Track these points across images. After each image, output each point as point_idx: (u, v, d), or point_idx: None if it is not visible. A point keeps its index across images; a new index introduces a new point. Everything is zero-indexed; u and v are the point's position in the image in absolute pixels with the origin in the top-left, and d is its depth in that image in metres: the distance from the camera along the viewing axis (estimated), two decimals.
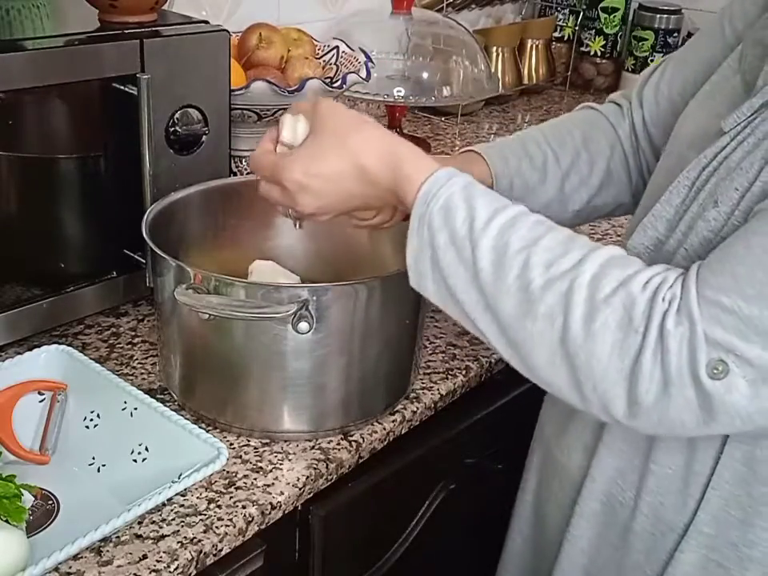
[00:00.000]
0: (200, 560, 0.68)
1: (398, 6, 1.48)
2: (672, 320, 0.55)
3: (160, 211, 0.83)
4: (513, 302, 0.60)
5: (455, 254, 0.62)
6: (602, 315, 0.57)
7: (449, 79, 1.51)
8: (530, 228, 0.62)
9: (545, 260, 0.59)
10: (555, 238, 0.61)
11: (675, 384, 0.55)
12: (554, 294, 0.58)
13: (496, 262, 0.60)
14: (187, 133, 0.91)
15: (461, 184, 0.64)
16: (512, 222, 0.62)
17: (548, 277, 0.59)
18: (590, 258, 0.59)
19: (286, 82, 1.11)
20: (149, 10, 0.90)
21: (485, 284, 0.61)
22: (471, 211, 0.62)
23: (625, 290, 0.57)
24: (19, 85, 0.78)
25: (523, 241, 0.60)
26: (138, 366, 0.88)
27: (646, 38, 1.92)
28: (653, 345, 0.56)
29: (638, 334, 0.56)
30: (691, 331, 0.55)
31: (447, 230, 0.62)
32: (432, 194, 0.63)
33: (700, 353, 0.55)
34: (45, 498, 0.72)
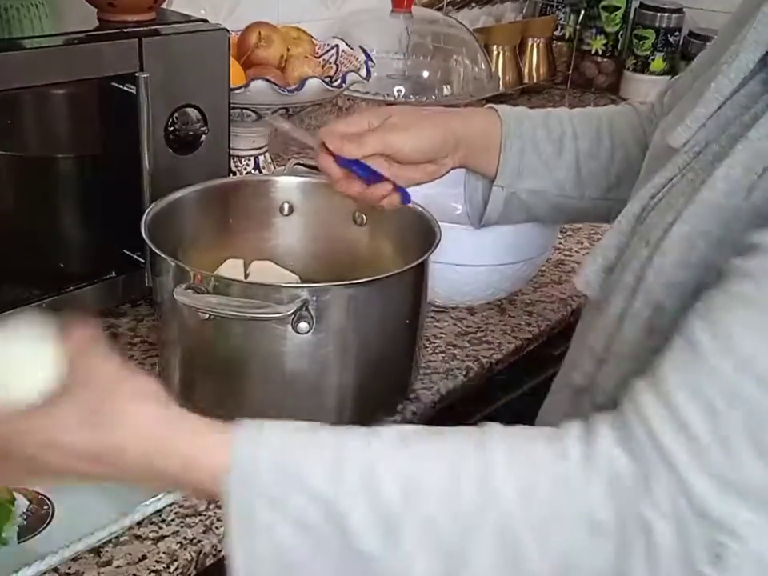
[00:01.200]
0: (200, 560, 0.67)
1: (398, 5, 1.48)
2: (650, 505, 0.45)
3: (159, 211, 0.82)
4: (431, 564, 0.46)
5: (315, 545, 0.47)
6: (559, 536, 0.45)
7: (449, 78, 1.50)
8: (387, 467, 0.47)
9: (444, 502, 0.46)
10: (426, 461, 0.48)
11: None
12: (485, 539, 0.46)
13: (383, 536, 0.46)
14: (186, 132, 0.91)
15: (274, 460, 0.48)
16: (364, 474, 0.47)
17: (463, 522, 0.46)
18: (489, 468, 0.47)
19: (285, 81, 1.11)
20: (147, 9, 0.90)
21: (380, 559, 0.46)
22: (312, 494, 0.47)
23: (572, 492, 0.46)
24: (18, 84, 0.78)
25: (398, 491, 0.46)
26: (138, 367, 0.88)
27: (647, 37, 1.92)
28: (637, 545, 0.45)
29: (614, 536, 0.45)
30: (675, 512, 0.44)
31: (290, 524, 0.47)
32: (246, 490, 0.47)
33: (693, 539, 0.44)
34: (40, 502, 0.72)
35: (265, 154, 1.20)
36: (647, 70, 1.94)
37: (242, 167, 1.17)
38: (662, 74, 1.94)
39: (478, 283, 1.00)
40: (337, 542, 0.46)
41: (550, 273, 1.15)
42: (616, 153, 0.85)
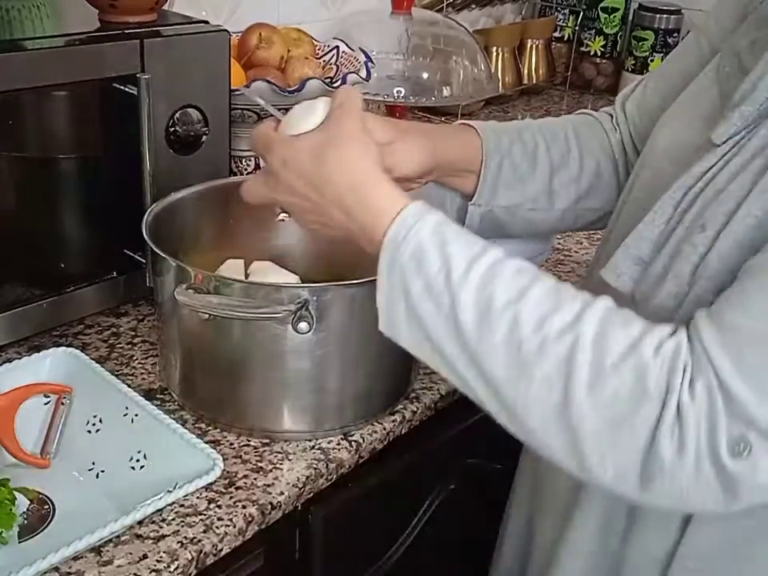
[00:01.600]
0: (200, 560, 0.68)
1: (398, 6, 1.49)
2: (688, 393, 0.52)
3: (160, 211, 0.83)
4: (503, 362, 0.56)
5: (433, 305, 0.58)
6: (610, 383, 0.53)
7: (449, 79, 1.51)
8: (513, 278, 0.57)
9: (536, 316, 0.55)
10: (543, 288, 0.57)
11: (695, 462, 0.51)
12: (552, 357, 0.54)
13: (480, 318, 0.56)
14: (187, 133, 0.92)
15: (430, 226, 0.59)
16: (492, 272, 0.57)
17: (542, 337, 0.54)
18: (586, 314, 0.55)
19: (285, 82, 1.11)
20: (149, 10, 0.90)
21: (469, 340, 0.57)
22: (446, 260, 0.58)
23: (635, 355, 0.53)
24: (19, 85, 0.78)
25: (508, 294, 0.56)
26: (138, 366, 0.88)
27: (646, 38, 1.92)
28: (670, 420, 0.51)
29: (653, 406, 0.52)
30: (710, 405, 0.51)
31: (422, 280, 0.58)
32: (401, 237, 0.59)
33: (720, 429, 0.51)
34: (41, 502, 0.72)
35: None
36: (646, 71, 1.94)
37: (243, 168, 1.17)
38: None
39: None
40: (447, 308, 0.57)
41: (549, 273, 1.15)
42: (585, 163, 0.85)
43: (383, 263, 0.60)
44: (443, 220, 0.60)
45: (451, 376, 0.60)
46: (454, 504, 0.99)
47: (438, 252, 0.58)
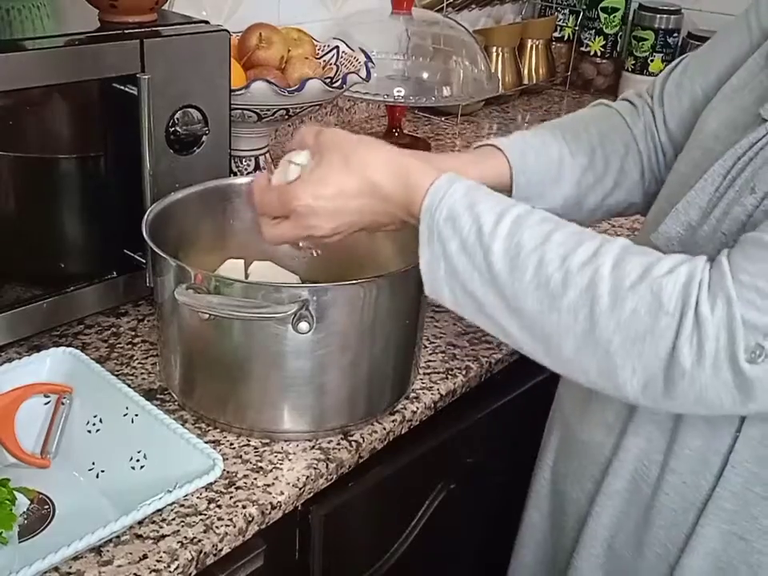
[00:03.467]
0: (200, 560, 0.68)
1: (398, 6, 1.48)
2: (707, 304, 0.56)
3: (160, 211, 0.83)
4: (534, 299, 0.61)
5: (468, 260, 0.63)
6: (629, 302, 0.58)
7: (449, 79, 1.51)
8: (538, 225, 0.63)
9: (560, 254, 0.61)
10: (565, 232, 0.62)
11: (713, 367, 0.56)
12: (576, 286, 0.60)
13: (511, 263, 0.62)
14: (187, 133, 0.91)
15: (461, 191, 0.65)
16: (519, 222, 0.63)
17: (566, 270, 0.60)
18: (605, 247, 0.61)
19: (286, 82, 1.11)
20: (149, 10, 0.90)
21: (503, 286, 0.62)
22: (476, 218, 0.63)
23: (650, 275, 0.58)
24: (19, 85, 0.78)
25: (534, 239, 0.62)
26: (138, 366, 0.88)
27: (645, 38, 1.92)
28: (689, 329, 0.56)
29: (672, 318, 0.57)
30: (729, 315, 0.56)
31: (457, 239, 0.64)
32: (435, 204, 0.65)
33: (738, 337, 0.56)
34: (41, 502, 0.72)
35: (265, 155, 1.20)
36: (646, 71, 1.94)
37: (243, 168, 1.17)
38: None
39: None
40: (481, 259, 0.63)
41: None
42: (610, 162, 0.86)
43: (422, 231, 0.65)
44: (473, 185, 0.66)
45: (493, 327, 0.66)
46: (454, 504, 0.99)
47: (469, 212, 0.64)
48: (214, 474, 0.69)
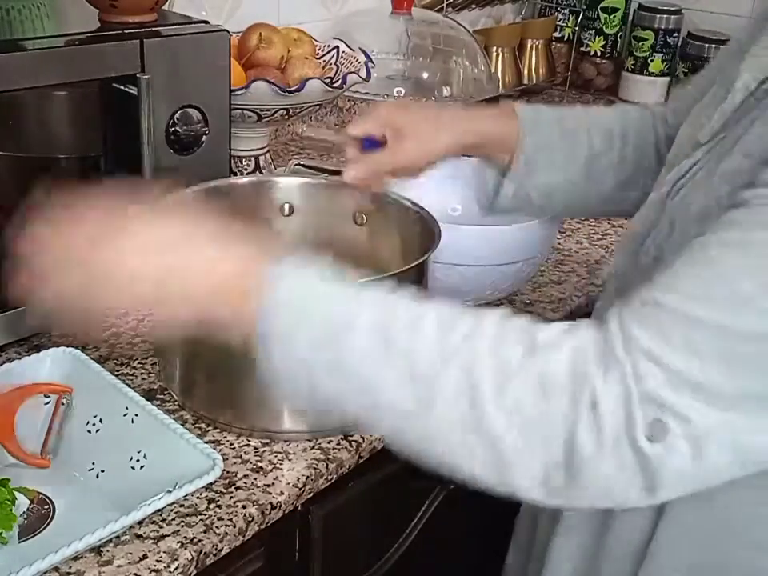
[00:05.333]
0: (200, 560, 0.68)
1: (398, 6, 1.49)
2: (600, 380, 0.49)
3: None
4: (405, 389, 0.52)
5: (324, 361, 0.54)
6: (515, 388, 0.50)
7: (449, 79, 1.51)
8: (403, 307, 0.55)
9: (434, 336, 0.52)
10: (435, 311, 0.54)
11: (615, 450, 0.49)
12: (453, 375, 0.51)
13: (379, 340, 0.53)
14: (187, 133, 0.91)
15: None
16: (387, 303, 0.55)
17: (442, 353, 0.52)
18: (481, 324, 0.53)
19: (286, 82, 1.11)
20: (149, 10, 0.90)
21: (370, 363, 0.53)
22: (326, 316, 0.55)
23: (533, 356, 0.51)
24: (19, 85, 0.78)
25: (402, 322, 0.53)
26: (138, 366, 0.88)
27: (645, 38, 1.92)
28: (585, 411, 0.49)
29: (566, 399, 0.49)
30: (624, 390, 0.49)
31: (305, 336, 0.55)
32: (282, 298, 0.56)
33: (635, 413, 0.48)
34: (41, 502, 0.72)
35: (265, 155, 1.20)
36: (646, 71, 1.94)
37: (243, 168, 1.17)
38: (661, 75, 1.94)
39: (478, 283, 1.00)
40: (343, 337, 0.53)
41: (549, 273, 1.15)
42: (627, 152, 0.85)
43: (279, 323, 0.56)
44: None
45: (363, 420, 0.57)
46: (454, 504, 0.99)
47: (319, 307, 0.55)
48: (214, 474, 0.69)
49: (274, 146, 1.43)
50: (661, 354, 0.49)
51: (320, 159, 1.43)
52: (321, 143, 0.91)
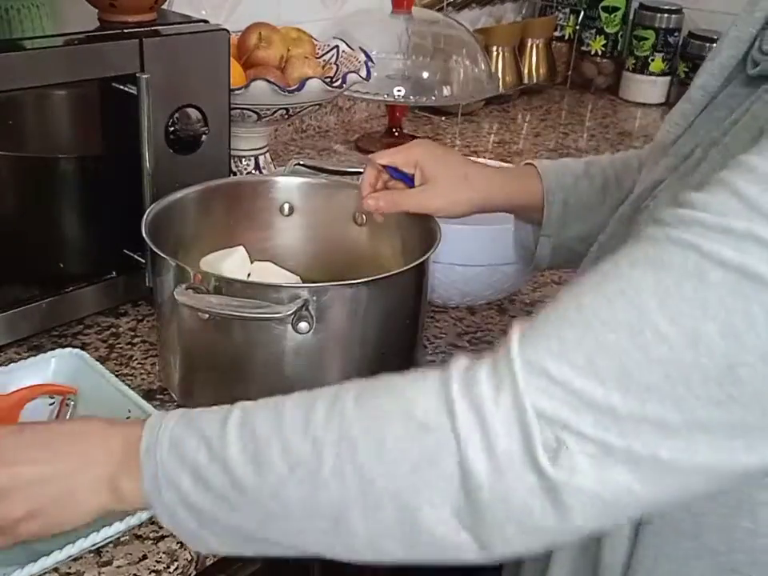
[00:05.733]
0: (200, 560, 0.68)
1: (398, 6, 1.48)
2: (491, 397, 0.46)
3: (160, 211, 0.82)
4: (295, 487, 0.50)
5: (208, 489, 0.53)
6: (387, 435, 0.48)
7: (449, 79, 1.51)
8: (266, 407, 0.54)
9: (299, 422, 0.51)
10: (298, 397, 0.53)
11: (513, 471, 0.46)
12: (328, 446, 0.49)
13: (253, 462, 0.51)
14: (187, 133, 0.91)
15: (176, 416, 0.56)
16: (246, 413, 0.54)
17: (312, 436, 0.50)
18: (342, 392, 0.51)
19: (285, 82, 1.11)
20: (148, 10, 0.90)
21: (258, 494, 0.52)
22: (201, 434, 0.54)
23: (394, 392, 0.49)
24: (18, 85, 0.78)
25: (268, 421, 0.52)
26: (138, 366, 0.88)
27: (646, 38, 1.92)
28: (470, 430, 0.46)
29: (438, 431, 0.47)
30: (517, 406, 0.46)
31: (187, 470, 0.53)
32: (152, 442, 0.55)
33: (533, 431, 0.45)
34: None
35: (265, 155, 1.20)
36: (647, 71, 1.94)
37: (243, 167, 1.17)
38: (662, 74, 1.94)
39: (478, 283, 1.00)
40: (222, 476, 0.52)
41: (549, 273, 1.15)
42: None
43: (146, 483, 0.55)
44: (184, 411, 0.57)
45: (277, 549, 0.54)
46: None
47: (191, 431, 0.54)
48: None
49: (274, 146, 1.44)
50: (559, 370, 0.46)
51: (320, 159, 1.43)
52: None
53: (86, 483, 0.57)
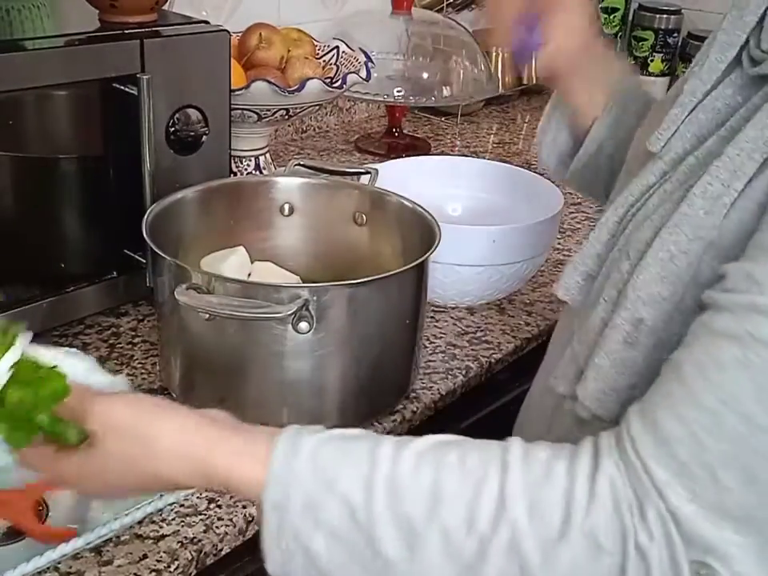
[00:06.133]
0: (200, 560, 0.68)
1: (398, 6, 1.49)
2: (643, 529, 0.48)
3: (160, 211, 0.83)
4: (448, 574, 0.50)
5: (344, 553, 0.51)
6: (564, 555, 0.48)
7: (449, 79, 1.51)
8: (417, 481, 0.51)
9: (463, 519, 0.50)
10: (450, 478, 0.51)
11: None
12: (497, 552, 0.49)
13: (406, 544, 0.50)
14: (187, 133, 0.91)
15: (309, 468, 0.52)
16: (394, 486, 0.51)
17: (479, 538, 0.49)
18: (507, 489, 0.50)
19: (286, 82, 1.11)
20: (149, 10, 0.90)
21: (403, 570, 0.50)
22: (343, 499, 0.51)
23: (575, 515, 0.49)
24: (19, 85, 0.78)
25: (422, 504, 0.50)
26: (139, 366, 0.88)
27: (645, 39, 1.92)
28: (634, 562, 0.48)
29: (614, 556, 0.48)
30: (666, 536, 0.47)
31: (322, 532, 0.51)
32: (281, 500, 0.51)
33: (680, 559, 0.47)
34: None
35: (265, 155, 1.20)
36: (646, 71, 1.94)
37: (243, 168, 1.18)
38: (661, 75, 1.94)
39: (478, 283, 1.00)
40: (365, 548, 0.50)
41: (549, 273, 1.15)
42: None
43: (267, 531, 0.52)
44: (318, 444, 0.53)
45: None
46: None
47: (330, 494, 0.51)
48: None
49: (274, 146, 1.44)
50: (692, 499, 0.47)
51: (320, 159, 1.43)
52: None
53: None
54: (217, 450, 0.54)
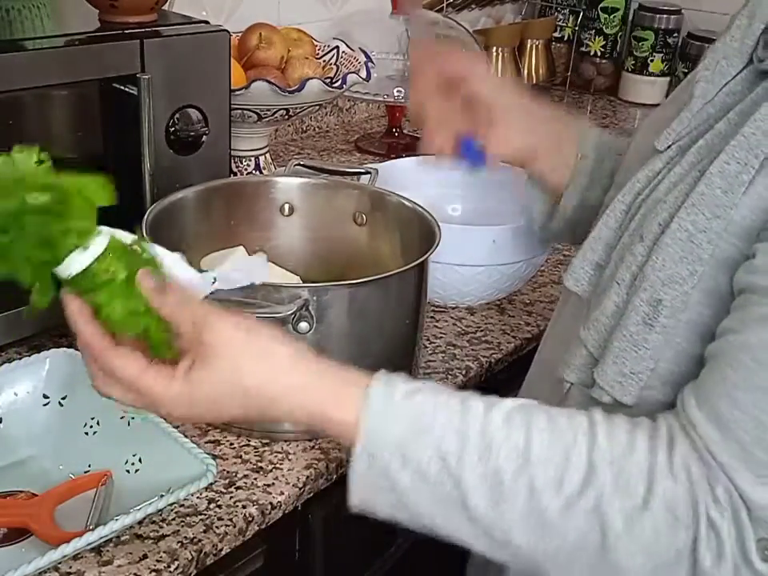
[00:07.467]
0: (200, 560, 0.68)
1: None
2: (714, 506, 0.52)
3: (160, 211, 0.83)
4: (527, 530, 0.54)
5: (430, 494, 0.55)
6: (645, 523, 0.52)
7: None
8: (509, 439, 0.54)
9: (551, 479, 0.53)
10: (541, 441, 0.54)
11: (734, 570, 0.52)
12: (580, 515, 0.53)
13: (491, 494, 0.54)
14: (187, 133, 0.91)
15: (406, 413, 0.56)
16: (486, 440, 0.54)
17: (565, 499, 0.53)
18: (596, 456, 0.53)
19: (286, 82, 1.11)
20: (149, 10, 0.90)
21: (482, 517, 0.54)
22: (436, 444, 0.55)
23: (657, 485, 0.52)
24: (19, 85, 0.78)
25: (512, 460, 0.54)
26: None
27: (645, 39, 1.92)
28: (705, 536, 0.52)
29: (689, 531, 0.52)
30: (735, 517, 0.51)
31: (410, 471, 0.55)
32: (376, 439, 0.55)
33: (747, 534, 0.51)
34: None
35: (265, 155, 1.20)
36: (646, 71, 1.94)
37: (243, 168, 1.18)
38: (661, 75, 1.95)
39: (478, 283, 1.00)
40: (449, 493, 0.54)
41: (549, 273, 1.15)
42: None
43: (359, 467, 0.56)
44: (415, 391, 0.57)
45: (451, 535, 0.57)
46: None
47: (424, 439, 0.55)
48: (206, 481, 0.68)
49: (274, 146, 1.44)
50: (757, 478, 0.51)
51: (320, 159, 1.44)
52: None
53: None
54: (318, 383, 0.58)
